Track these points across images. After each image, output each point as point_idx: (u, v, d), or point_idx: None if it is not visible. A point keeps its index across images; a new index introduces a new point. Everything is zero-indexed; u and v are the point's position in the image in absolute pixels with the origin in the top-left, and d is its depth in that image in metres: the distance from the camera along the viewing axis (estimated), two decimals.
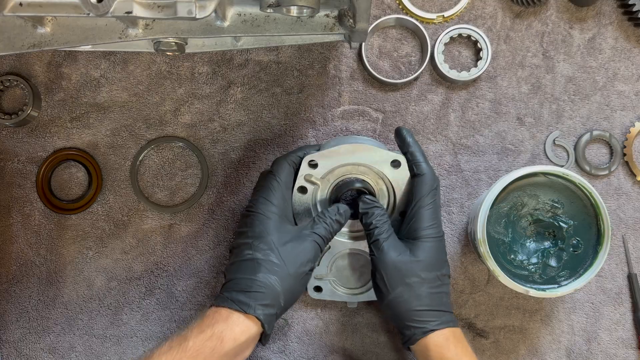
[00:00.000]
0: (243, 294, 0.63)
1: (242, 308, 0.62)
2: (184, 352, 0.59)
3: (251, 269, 0.64)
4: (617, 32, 0.82)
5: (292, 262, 0.65)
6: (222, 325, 0.61)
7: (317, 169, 0.71)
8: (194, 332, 0.61)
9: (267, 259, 0.64)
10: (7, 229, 0.82)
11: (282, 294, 0.64)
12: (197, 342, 0.60)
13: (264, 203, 0.68)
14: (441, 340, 0.65)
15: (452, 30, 0.80)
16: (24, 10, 0.54)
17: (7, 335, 0.82)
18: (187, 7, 0.55)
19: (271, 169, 0.71)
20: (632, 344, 0.82)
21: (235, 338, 0.61)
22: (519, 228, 0.75)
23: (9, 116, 0.80)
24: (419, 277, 0.66)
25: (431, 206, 0.69)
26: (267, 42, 0.75)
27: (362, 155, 0.71)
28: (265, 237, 0.65)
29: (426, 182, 0.70)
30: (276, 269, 0.64)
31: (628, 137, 0.82)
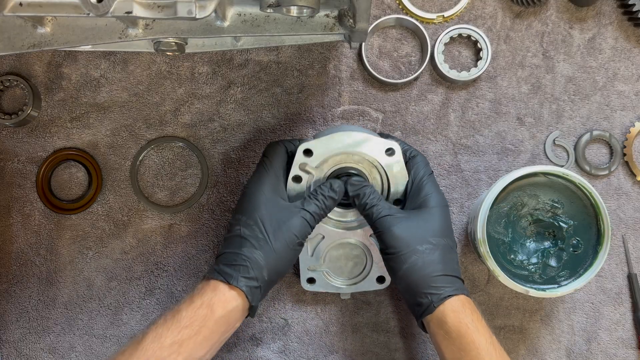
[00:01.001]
0: (228, 267, 0.65)
1: (226, 279, 0.64)
2: (178, 323, 0.62)
3: (237, 244, 0.66)
4: (617, 32, 0.82)
5: (277, 238, 0.66)
6: (210, 294, 0.64)
7: (312, 157, 0.71)
8: (185, 304, 0.63)
9: (253, 234, 0.66)
10: (7, 229, 0.82)
11: (265, 268, 0.65)
12: (189, 312, 0.63)
13: (254, 182, 0.70)
14: (458, 306, 0.65)
15: (452, 30, 0.80)
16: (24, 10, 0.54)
17: (7, 335, 0.82)
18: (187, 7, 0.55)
19: (264, 152, 0.72)
20: (632, 344, 0.82)
21: (224, 306, 0.64)
22: (519, 228, 0.75)
23: (9, 116, 0.80)
24: (431, 243, 0.67)
25: (432, 179, 0.71)
26: (267, 42, 0.75)
27: (357, 144, 0.71)
28: (252, 213, 0.67)
29: (420, 160, 0.72)
30: (261, 244, 0.66)
31: (628, 137, 0.82)
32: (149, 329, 0.63)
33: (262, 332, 0.82)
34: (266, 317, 0.82)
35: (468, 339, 0.64)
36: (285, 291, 0.82)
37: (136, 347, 0.61)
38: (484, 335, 0.64)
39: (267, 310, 0.82)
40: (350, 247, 0.78)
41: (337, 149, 0.71)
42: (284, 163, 0.72)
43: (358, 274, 0.79)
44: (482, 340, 0.64)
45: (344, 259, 0.78)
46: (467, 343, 0.64)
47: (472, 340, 0.64)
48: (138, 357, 0.60)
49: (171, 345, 0.61)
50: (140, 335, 0.62)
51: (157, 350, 0.61)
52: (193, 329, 0.62)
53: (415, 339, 0.82)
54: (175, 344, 0.61)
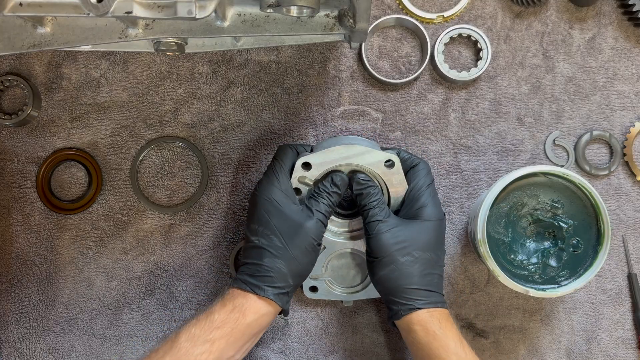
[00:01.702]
0: (253, 278, 0.67)
1: (255, 290, 0.66)
2: (210, 323, 0.64)
3: (258, 255, 0.68)
4: (617, 32, 0.82)
5: (296, 244, 0.68)
6: (242, 299, 0.66)
7: (311, 171, 0.71)
8: (217, 306, 0.66)
9: (272, 243, 0.68)
10: (7, 229, 0.82)
11: (289, 275, 0.68)
12: (221, 314, 0.65)
13: (267, 188, 0.70)
14: (426, 317, 0.67)
15: (452, 30, 0.80)
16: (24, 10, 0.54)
17: (7, 335, 0.82)
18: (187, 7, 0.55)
19: (275, 155, 0.73)
20: (632, 344, 0.82)
21: (256, 311, 0.66)
22: (519, 228, 0.75)
23: (9, 116, 0.80)
24: (413, 256, 0.68)
25: (430, 189, 0.72)
26: (267, 42, 0.75)
27: (356, 157, 0.71)
28: (268, 223, 0.68)
29: (421, 169, 0.73)
30: (281, 253, 0.67)
31: (628, 137, 0.82)
32: (181, 329, 0.65)
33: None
34: None
35: (436, 344, 0.66)
36: None
37: (171, 346, 0.63)
38: (453, 339, 0.66)
39: None
40: (351, 256, 0.78)
41: (335, 162, 0.71)
42: (294, 166, 0.72)
43: (360, 282, 0.79)
44: (451, 343, 0.66)
45: (345, 268, 0.78)
46: (436, 347, 0.66)
47: (440, 345, 0.66)
48: (172, 355, 0.62)
49: (203, 344, 0.63)
50: (173, 335, 0.65)
51: (190, 348, 0.63)
52: (225, 330, 0.64)
53: None
54: (208, 343, 0.63)
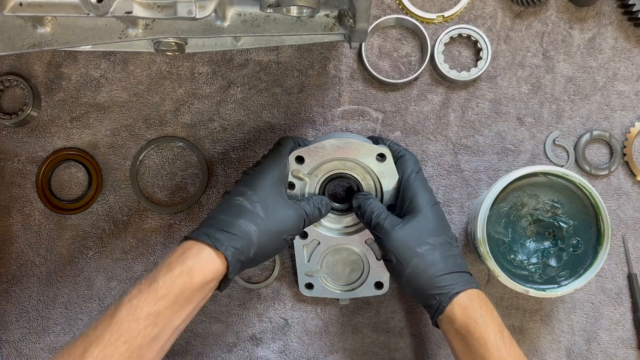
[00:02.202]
0: (220, 232, 0.62)
1: (215, 244, 0.61)
2: (154, 293, 0.58)
3: (235, 212, 0.64)
4: (617, 32, 0.82)
5: (275, 221, 0.66)
6: (192, 260, 0.60)
7: (304, 165, 0.72)
8: (163, 271, 0.60)
9: (254, 210, 0.65)
10: (7, 229, 0.82)
11: (255, 246, 0.64)
12: (166, 280, 0.59)
13: (267, 165, 0.70)
14: (466, 302, 0.65)
15: (452, 30, 0.80)
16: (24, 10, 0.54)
17: (7, 335, 0.82)
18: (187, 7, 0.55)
19: (279, 142, 0.73)
20: (632, 344, 0.82)
21: (204, 274, 0.60)
22: (519, 228, 0.75)
23: (9, 116, 0.80)
24: (429, 244, 0.67)
25: (419, 177, 0.72)
26: (267, 42, 0.75)
27: (349, 150, 0.72)
28: (260, 191, 0.67)
29: (409, 159, 0.73)
30: (258, 221, 0.65)
31: (628, 137, 0.82)
32: (122, 300, 0.58)
33: (262, 332, 0.82)
34: (266, 317, 0.82)
35: (477, 334, 0.64)
36: (285, 291, 0.82)
37: (110, 321, 0.57)
38: (494, 330, 0.64)
39: (267, 310, 0.82)
40: (347, 252, 0.78)
41: (328, 156, 0.72)
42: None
43: (355, 280, 0.79)
44: (491, 334, 0.64)
45: (341, 265, 0.78)
46: (476, 339, 0.64)
47: (480, 336, 0.64)
48: (112, 332, 0.56)
49: (147, 317, 0.57)
50: (113, 307, 0.58)
51: (133, 322, 0.57)
52: (170, 298, 0.58)
53: (415, 339, 0.82)
54: (152, 316, 0.57)
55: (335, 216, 0.77)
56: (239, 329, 0.82)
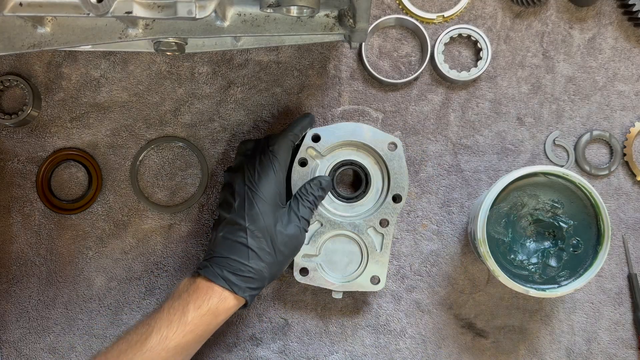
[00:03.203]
0: (235, 277, 0.67)
1: (234, 289, 0.66)
2: (184, 326, 0.64)
3: (244, 254, 0.68)
4: (617, 32, 0.82)
5: (282, 251, 0.69)
6: (216, 300, 0.66)
7: (319, 143, 0.76)
8: (191, 306, 0.65)
9: (260, 245, 0.68)
10: (7, 229, 0.82)
11: (268, 278, 0.69)
12: (195, 317, 0.65)
13: (264, 186, 0.69)
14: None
15: (452, 30, 0.80)
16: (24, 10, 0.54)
17: (7, 335, 0.82)
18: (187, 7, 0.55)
19: (270, 148, 0.72)
20: (632, 344, 0.82)
21: (227, 312, 0.67)
22: (519, 228, 0.75)
23: (9, 116, 0.80)
24: None
25: None
26: (267, 42, 0.75)
27: (362, 134, 0.76)
28: (261, 223, 0.68)
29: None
30: (267, 257, 0.68)
31: (628, 137, 0.82)
32: (152, 327, 0.64)
33: (262, 332, 0.82)
34: (266, 317, 0.82)
35: None
36: (285, 291, 0.82)
37: (141, 348, 0.63)
38: None
39: (267, 310, 0.82)
40: (346, 241, 0.77)
41: (343, 137, 0.76)
42: (288, 162, 0.73)
43: (352, 272, 0.78)
44: None
45: (339, 254, 0.78)
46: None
47: None
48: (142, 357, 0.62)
49: (175, 348, 0.64)
50: (144, 333, 0.64)
51: (162, 351, 0.63)
52: (197, 333, 0.65)
53: (415, 339, 0.82)
54: (179, 347, 0.64)
55: (342, 203, 0.77)
56: (239, 329, 0.82)
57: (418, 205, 0.82)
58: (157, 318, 0.65)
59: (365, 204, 0.78)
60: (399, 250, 0.82)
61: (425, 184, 0.82)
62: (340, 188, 0.80)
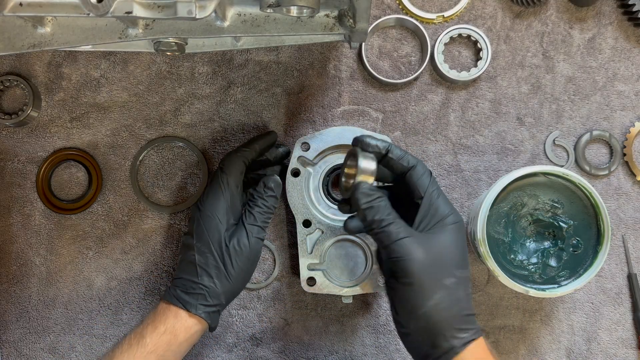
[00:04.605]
0: (186, 295, 0.67)
1: (187, 307, 0.66)
2: (143, 348, 0.64)
3: (193, 272, 0.67)
4: (617, 32, 0.82)
5: (232, 265, 0.68)
6: (172, 320, 0.66)
7: (309, 151, 0.77)
8: (149, 328, 0.65)
9: (207, 262, 0.67)
10: (7, 229, 0.82)
11: (222, 294, 0.67)
12: (153, 338, 0.65)
13: (210, 203, 0.69)
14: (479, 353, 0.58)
15: (452, 30, 0.80)
16: (24, 10, 0.54)
17: (7, 335, 0.82)
18: (187, 7, 0.55)
19: (221, 165, 0.72)
20: (632, 344, 0.82)
21: (187, 331, 0.66)
22: (519, 228, 0.75)
23: (9, 116, 0.80)
24: (455, 276, 0.59)
25: (441, 192, 0.64)
26: (267, 42, 0.75)
27: (351, 137, 0.72)
28: (206, 240, 0.68)
29: (422, 171, 0.64)
30: (217, 273, 0.67)
31: (628, 137, 0.82)
32: (114, 352, 0.65)
33: (262, 332, 0.82)
34: (266, 317, 0.82)
35: None
36: (285, 291, 0.82)
37: None
38: None
39: (267, 310, 0.82)
40: (349, 245, 0.78)
41: (332, 142, 0.76)
42: (241, 176, 0.72)
43: (359, 275, 0.78)
44: None
45: (344, 259, 0.78)
46: None
47: None
48: None
49: None
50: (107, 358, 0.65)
51: None
52: (158, 353, 0.64)
53: None
54: None
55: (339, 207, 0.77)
56: (239, 329, 0.82)
57: None
58: (118, 345, 0.66)
59: None
60: None
61: None
62: (335, 192, 0.78)
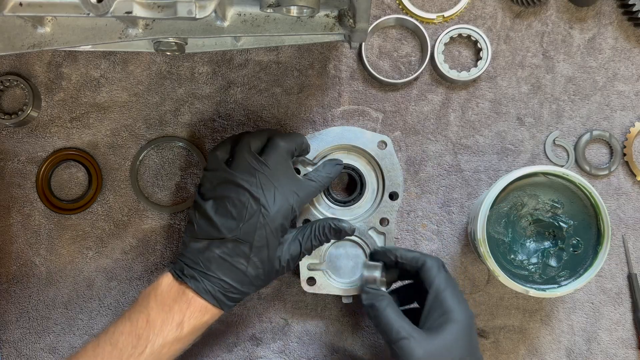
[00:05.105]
0: (226, 297, 0.66)
1: (222, 307, 0.67)
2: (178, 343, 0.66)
3: (240, 281, 0.67)
4: (617, 32, 0.82)
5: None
6: (208, 316, 0.67)
7: (309, 153, 0.77)
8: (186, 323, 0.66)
9: (257, 275, 0.67)
10: (7, 229, 0.82)
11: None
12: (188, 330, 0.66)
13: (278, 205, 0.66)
14: None
15: (452, 30, 0.80)
16: (24, 10, 0.54)
17: (7, 335, 0.82)
18: (187, 7, 0.55)
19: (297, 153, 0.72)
20: (632, 344, 0.82)
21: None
22: (519, 228, 0.75)
23: (9, 116, 0.80)
24: None
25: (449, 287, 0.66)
26: (267, 42, 0.75)
27: (351, 137, 0.77)
28: (264, 255, 0.66)
29: (431, 266, 0.67)
30: (259, 283, 0.68)
31: (628, 137, 0.82)
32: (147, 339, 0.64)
33: (262, 332, 0.82)
34: (266, 317, 0.82)
35: None
36: (285, 291, 0.82)
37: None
38: None
39: (267, 310, 0.82)
40: (349, 245, 0.78)
41: (332, 142, 0.77)
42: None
43: (359, 275, 0.78)
44: None
45: (344, 259, 0.78)
46: None
47: None
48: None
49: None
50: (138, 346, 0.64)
51: None
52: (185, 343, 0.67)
53: None
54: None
55: (340, 208, 0.77)
56: (239, 329, 0.82)
57: (418, 205, 0.82)
58: (147, 328, 0.64)
59: (363, 205, 0.78)
60: None
61: (425, 184, 0.82)
62: (336, 192, 0.79)
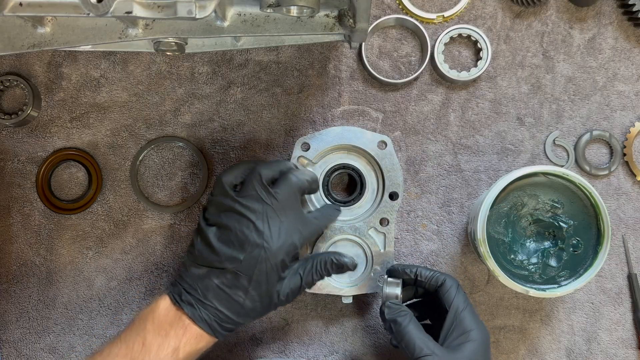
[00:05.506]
0: (220, 327, 0.65)
1: (216, 336, 0.66)
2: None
3: (237, 312, 0.65)
4: (617, 32, 0.82)
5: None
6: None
7: (310, 151, 0.76)
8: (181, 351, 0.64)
9: (254, 307, 0.66)
10: (7, 229, 0.82)
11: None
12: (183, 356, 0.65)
13: (281, 238, 0.65)
14: None
15: (452, 30, 0.80)
16: (24, 10, 0.54)
17: (7, 335, 0.82)
18: (187, 7, 0.55)
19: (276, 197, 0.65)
20: (632, 344, 0.82)
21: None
22: (519, 228, 0.75)
23: (9, 116, 0.80)
24: None
25: (468, 308, 0.68)
26: (267, 42, 0.75)
27: (351, 137, 0.76)
28: (263, 289, 0.65)
29: (450, 286, 0.69)
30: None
31: (628, 137, 0.82)
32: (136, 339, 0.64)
33: (262, 332, 0.82)
34: (266, 317, 0.82)
35: None
36: None
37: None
38: None
39: None
40: (349, 245, 0.77)
41: (332, 142, 0.76)
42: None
43: (359, 275, 0.78)
44: None
45: None
46: None
47: None
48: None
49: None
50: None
51: None
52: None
53: None
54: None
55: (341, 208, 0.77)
56: (239, 329, 0.82)
57: (418, 205, 0.82)
58: (143, 352, 0.63)
59: (363, 205, 0.78)
60: (399, 250, 0.82)
61: (425, 184, 0.82)
62: (336, 192, 0.79)
